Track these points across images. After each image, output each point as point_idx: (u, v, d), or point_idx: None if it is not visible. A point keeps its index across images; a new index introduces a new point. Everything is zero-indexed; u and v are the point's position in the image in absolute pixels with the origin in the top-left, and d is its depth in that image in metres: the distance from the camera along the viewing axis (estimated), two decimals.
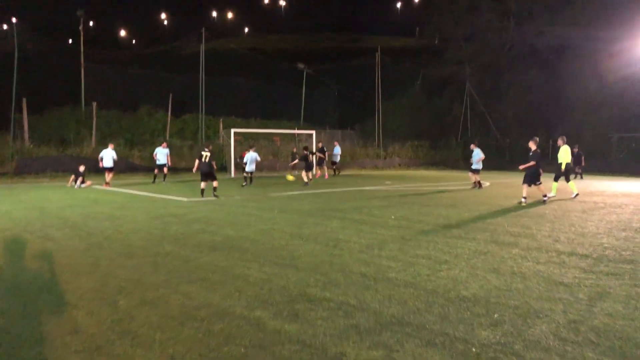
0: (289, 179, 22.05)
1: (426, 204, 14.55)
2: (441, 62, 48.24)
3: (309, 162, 22.01)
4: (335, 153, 29.15)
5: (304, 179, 21.33)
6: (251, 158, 20.62)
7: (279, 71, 46.72)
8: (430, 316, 4.92)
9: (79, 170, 20.25)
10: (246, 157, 20.84)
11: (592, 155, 31.22)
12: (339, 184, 22.55)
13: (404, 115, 46.51)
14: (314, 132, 31.67)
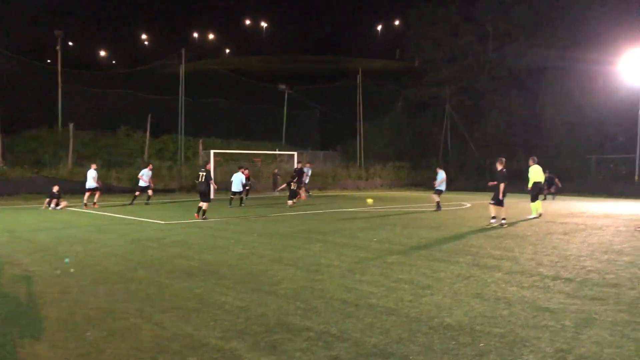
0: (369, 202, 21.56)
1: (408, 225, 14.42)
2: (422, 83, 48.76)
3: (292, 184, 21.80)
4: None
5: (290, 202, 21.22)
6: (236, 179, 21.08)
7: (261, 92, 46.67)
8: (414, 346, 4.72)
9: (53, 192, 19.80)
10: (232, 177, 21.40)
11: (571, 176, 31.54)
12: (320, 205, 22.35)
13: (385, 136, 46.70)
14: (295, 154, 31.52)
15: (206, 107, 40.83)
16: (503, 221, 14.28)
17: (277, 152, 35.47)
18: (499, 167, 14.65)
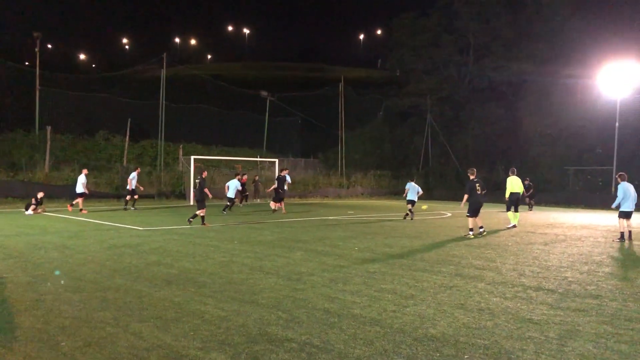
0: (423, 208, 21.59)
1: (390, 234, 14.39)
2: (403, 93, 49.14)
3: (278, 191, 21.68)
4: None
5: (273, 206, 21.34)
6: (232, 185, 21.62)
7: (242, 98, 46.44)
8: (398, 358, 4.64)
9: (37, 197, 19.47)
10: (228, 183, 21.97)
11: (549, 187, 31.93)
12: (301, 213, 22.24)
13: (366, 145, 46.83)
14: (276, 161, 31.41)
15: (187, 112, 40.46)
16: (481, 229, 14.40)
17: (259, 159, 35.29)
18: (471, 176, 14.80)
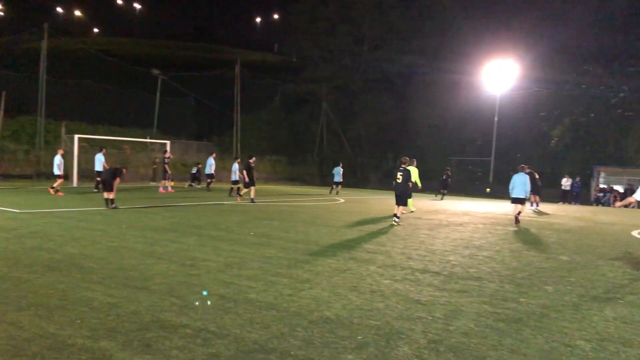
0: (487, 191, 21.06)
1: (285, 219, 14.48)
2: (299, 79, 49.36)
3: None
4: (210, 163, 27.93)
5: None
6: (235, 169, 22.71)
7: (132, 76, 44.13)
8: (295, 341, 4.70)
9: None
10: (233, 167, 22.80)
11: (433, 176, 33.77)
12: (194, 197, 21.72)
13: (262, 130, 46.62)
14: (168, 142, 30.34)
15: (70, 88, 37.68)
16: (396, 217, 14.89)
17: (149, 140, 33.86)
18: (402, 165, 14.86)
